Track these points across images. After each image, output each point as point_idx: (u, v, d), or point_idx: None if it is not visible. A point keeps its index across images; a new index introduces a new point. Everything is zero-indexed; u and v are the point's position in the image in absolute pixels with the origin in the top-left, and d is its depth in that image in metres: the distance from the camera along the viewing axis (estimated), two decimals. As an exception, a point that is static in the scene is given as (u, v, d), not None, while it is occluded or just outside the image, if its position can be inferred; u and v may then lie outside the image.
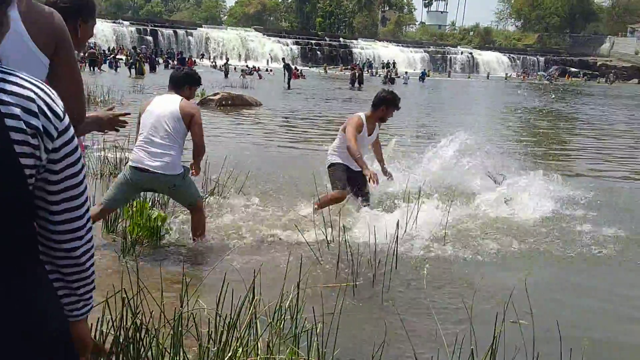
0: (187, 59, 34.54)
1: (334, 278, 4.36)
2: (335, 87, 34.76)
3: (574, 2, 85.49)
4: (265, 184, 7.18)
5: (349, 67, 57.54)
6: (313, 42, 69.14)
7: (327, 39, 71.34)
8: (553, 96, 32.57)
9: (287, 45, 65.56)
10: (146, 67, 37.03)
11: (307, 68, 55.26)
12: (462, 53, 78.36)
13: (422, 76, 50.89)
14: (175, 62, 40.07)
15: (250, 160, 8.53)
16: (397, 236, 4.47)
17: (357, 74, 36.71)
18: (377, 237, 4.59)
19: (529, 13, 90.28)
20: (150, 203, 5.29)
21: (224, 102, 18.53)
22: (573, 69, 75.78)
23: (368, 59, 64.87)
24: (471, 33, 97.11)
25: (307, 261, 4.55)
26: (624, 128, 18.97)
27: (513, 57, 79.16)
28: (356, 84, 35.39)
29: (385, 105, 6.00)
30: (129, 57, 38.12)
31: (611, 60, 78.89)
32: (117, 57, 43.05)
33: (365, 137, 5.95)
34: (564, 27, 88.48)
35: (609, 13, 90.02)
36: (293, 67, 37.40)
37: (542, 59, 79.49)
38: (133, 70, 34.03)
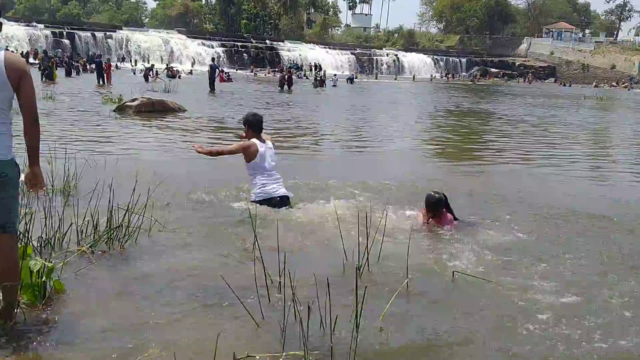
0: (104, 63, 32.18)
1: (279, 344, 3.32)
2: (264, 90, 33.61)
3: (492, 5, 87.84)
4: (192, 214, 6.05)
5: (276, 69, 56.47)
6: (239, 44, 67.42)
7: (253, 40, 69.75)
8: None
9: (212, 47, 63.67)
10: (59, 72, 34.64)
11: (234, 71, 53.71)
12: (387, 55, 78.72)
13: (351, 78, 50.54)
14: (93, 66, 37.81)
15: (172, 181, 7.38)
16: (357, 286, 3.48)
17: (286, 76, 35.70)
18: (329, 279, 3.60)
19: (450, 15, 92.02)
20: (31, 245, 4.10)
21: (143, 109, 17.09)
22: (494, 70, 77.83)
23: (295, 62, 63.96)
24: (395, 35, 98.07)
25: (245, 324, 3.51)
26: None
27: (437, 59, 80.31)
28: (285, 87, 34.38)
29: None
30: (42, 62, 35.62)
31: (529, 61, 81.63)
32: (30, 61, 41.15)
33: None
34: (483, 29, 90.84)
35: (526, 15, 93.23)
36: (219, 69, 35.83)
37: (464, 60, 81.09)
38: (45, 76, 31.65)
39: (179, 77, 41.24)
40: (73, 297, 3.84)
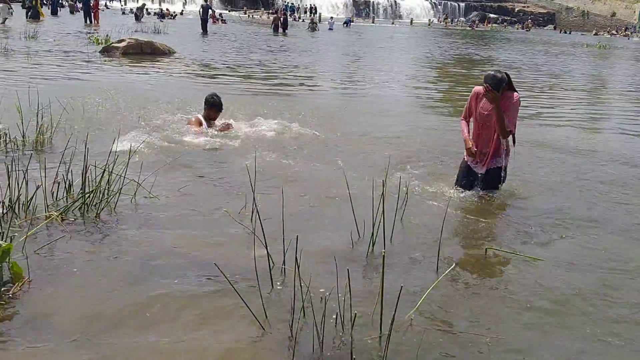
0: (91, 2, 30.65)
1: (288, 355, 2.69)
2: (258, 32, 32.31)
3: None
4: (182, 174, 5.33)
5: (271, 11, 54.63)
6: (232, -16, 65.10)
7: (246, -20, 67.33)
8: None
9: (204, -13, 61.38)
10: (45, 10, 33.10)
11: (227, 12, 51.86)
12: (384, -2, 76.46)
13: (347, 22, 49.02)
14: (80, 5, 36.12)
15: (160, 134, 6.63)
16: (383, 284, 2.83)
17: (281, 18, 34.30)
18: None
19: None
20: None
21: (130, 50, 16.11)
22: (492, 15, 75.81)
23: (290, 4, 61.89)
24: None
25: (246, 325, 2.87)
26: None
27: (434, 3, 77.98)
28: (280, 30, 33.08)
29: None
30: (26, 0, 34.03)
31: (528, 6, 79.48)
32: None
33: None
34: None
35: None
36: (211, 9, 34.30)
37: (462, 4, 78.83)
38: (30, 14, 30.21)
39: (173, 18, 39.83)
40: (35, 282, 3.15)
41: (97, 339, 2.71)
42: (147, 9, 39.02)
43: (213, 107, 7.01)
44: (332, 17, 47.66)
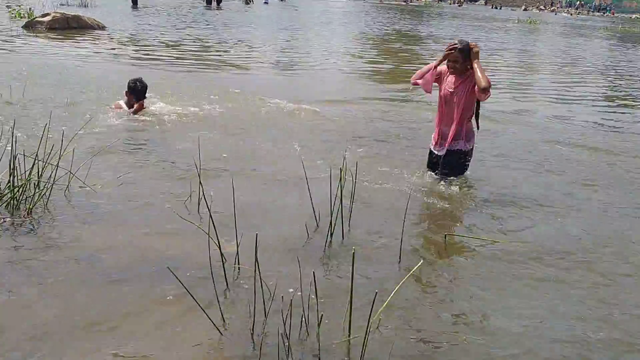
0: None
1: (246, 348, 2.48)
2: (191, 6, 31.21)
3: None
4: (122, 162, 4.97)
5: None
6: (161, -45, 62.75)
7: (177, -48, 65.07)
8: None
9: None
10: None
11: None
12: (320, -29, 75.59)
13: (283, -5, 48.18)
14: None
15: (96, 118, 6.19)
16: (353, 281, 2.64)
17: (215, -9, 33.22)
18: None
19: None
20: None
21: (56, 25, 15.19)
22: (426, -10, 76.37)
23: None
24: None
25: (202, 331, 2.64)
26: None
27: (369, -23, 77.87)
28: (214, 4, 32.10)
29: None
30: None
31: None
32: None
33: None
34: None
35: None
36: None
37: (396, -21, 79.09)
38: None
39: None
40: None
41: (34, 354, 2.42)
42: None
43: (133, 93, 6.48)
44: (267, -9, 46.73)
